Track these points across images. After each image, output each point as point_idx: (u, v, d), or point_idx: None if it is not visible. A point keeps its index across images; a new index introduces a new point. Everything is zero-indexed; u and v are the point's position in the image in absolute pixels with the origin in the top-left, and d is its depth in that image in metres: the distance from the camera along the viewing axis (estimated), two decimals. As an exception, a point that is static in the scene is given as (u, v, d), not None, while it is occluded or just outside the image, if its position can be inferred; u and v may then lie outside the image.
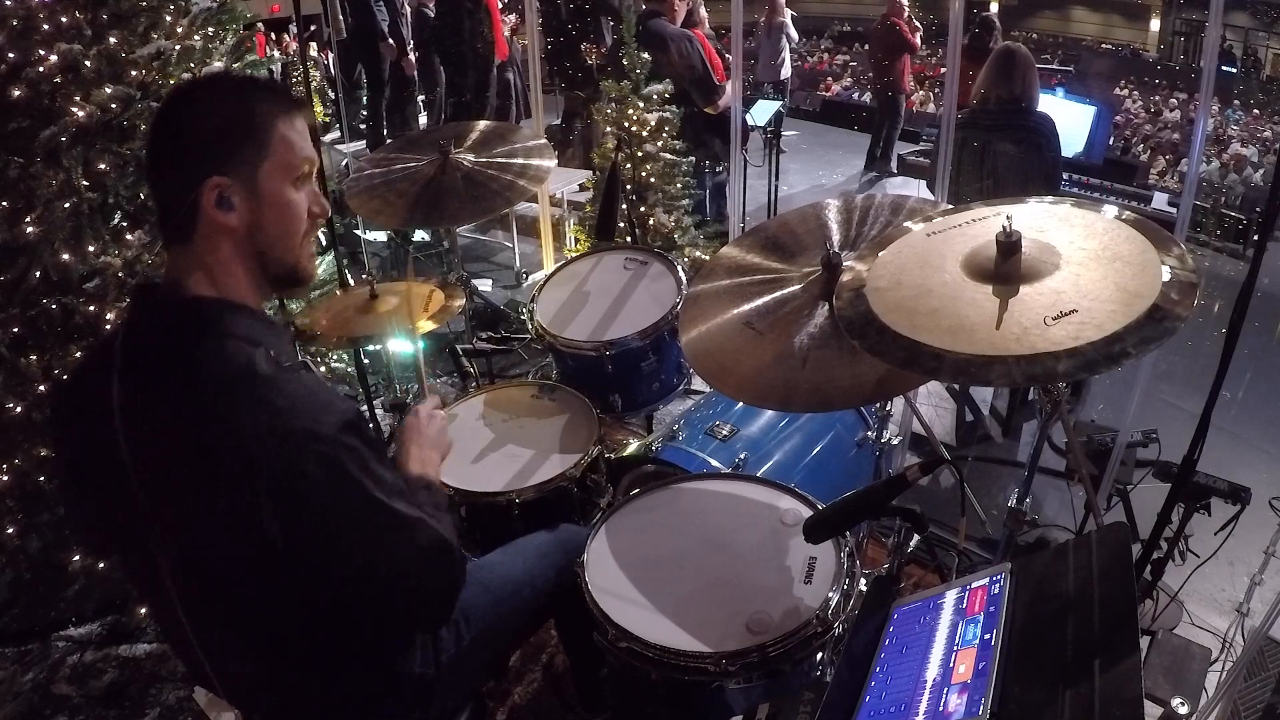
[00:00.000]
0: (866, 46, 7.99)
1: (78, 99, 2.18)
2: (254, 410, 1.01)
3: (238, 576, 1.09)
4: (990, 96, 3.21)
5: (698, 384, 2.59)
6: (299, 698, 1.24)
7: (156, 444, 1.04)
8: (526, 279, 4.83)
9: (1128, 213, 1.35)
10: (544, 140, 2.65)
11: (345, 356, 3.14)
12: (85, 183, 2.21)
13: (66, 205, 2.20)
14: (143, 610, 2.41)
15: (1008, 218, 1.28)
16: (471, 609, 1.41)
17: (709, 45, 4.43)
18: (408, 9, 6.33)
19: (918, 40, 7.38)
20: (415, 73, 6.34)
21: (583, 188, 5.09)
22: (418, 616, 1.22)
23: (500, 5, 6.40)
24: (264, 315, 1.17)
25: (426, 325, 2.27)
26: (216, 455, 1.00)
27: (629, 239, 3.05)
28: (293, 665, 1.20)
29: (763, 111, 4.79)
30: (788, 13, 7.72)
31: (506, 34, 6.77)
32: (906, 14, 7.21)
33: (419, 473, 1.33)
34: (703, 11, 5.07)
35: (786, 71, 8.01)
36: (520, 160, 2.52)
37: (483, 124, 2.71)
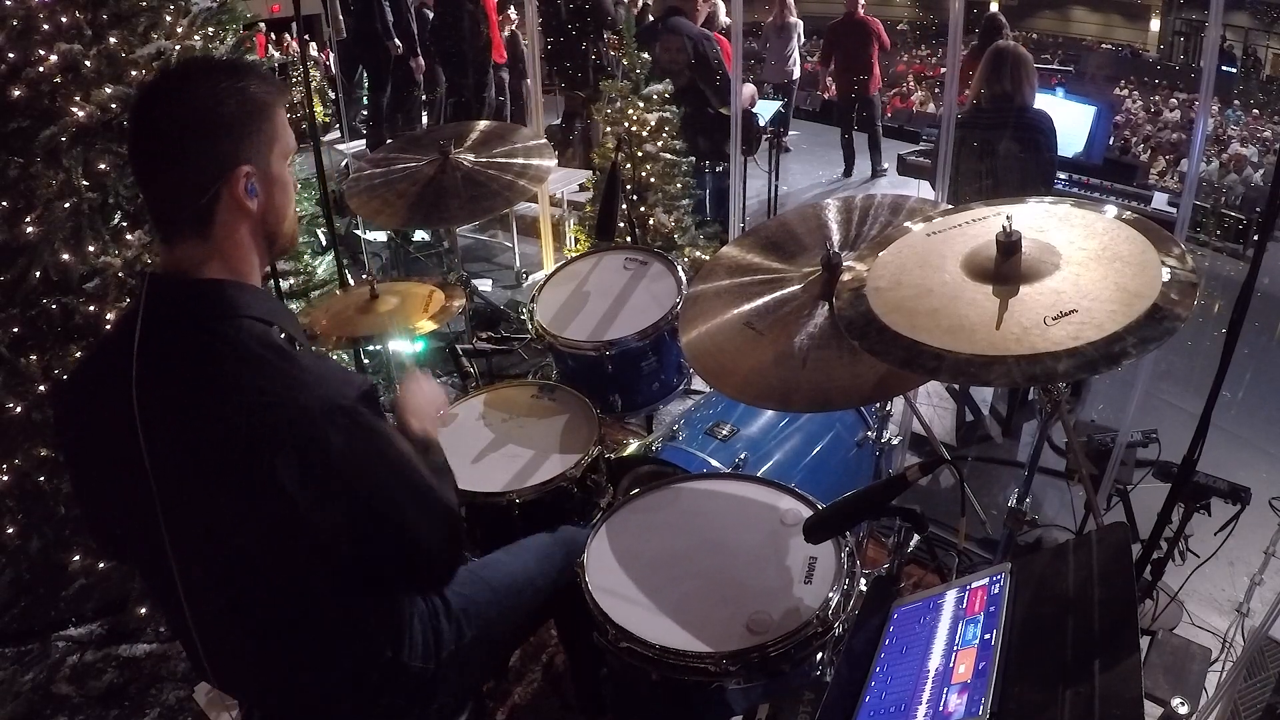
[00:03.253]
0: (821, 48, 7.82)
1: (78, 99, 2.18)
2: (275, 382, 1.04)
3: (242, 560, 1.10)
4: (985, 96, 3.23)
5: (698, 384, 2.59)
6: (300, 692, 1.24)
7: (174, 422, 1.05)
8: (526, 279, 4.83)
9: (1128, 213, 1.35)
10: (544, 140, 2.65)
11: (345, 356, 3.14)
12: (85, 183, 2.21)
13: (66, 205, 2.20)
14: (142, 610, 2.41)
15: (1008, 218, 1.28)
16: (473, 606, 1.42)
17: (728, 46, 4.43)
18: (413, 8, 6.33)
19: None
20: (422, 74, 6.33)
21: (583, 188, 5.09)
22: (422, 576, 1.27)
23: (497, 5, 6.40)
24: (274, 296, 1.19)
25: (427, 325, 2.27)
26: (236, 428, 1.02)
27: (629, 239, 3.05)
28: (293, 659, 1.20)
29: (763, 111, 4.80)
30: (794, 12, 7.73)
31: (506, 34, 6.77)
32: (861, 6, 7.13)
33: (420, 433, 1.37)
34: (724, 18, 5.08)
35: (796, 73, 7.99)
36: (520, 160, 2.52)
37: (483, 124, 2.71)
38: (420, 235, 4.98)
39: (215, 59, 1.14)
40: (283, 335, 1.11)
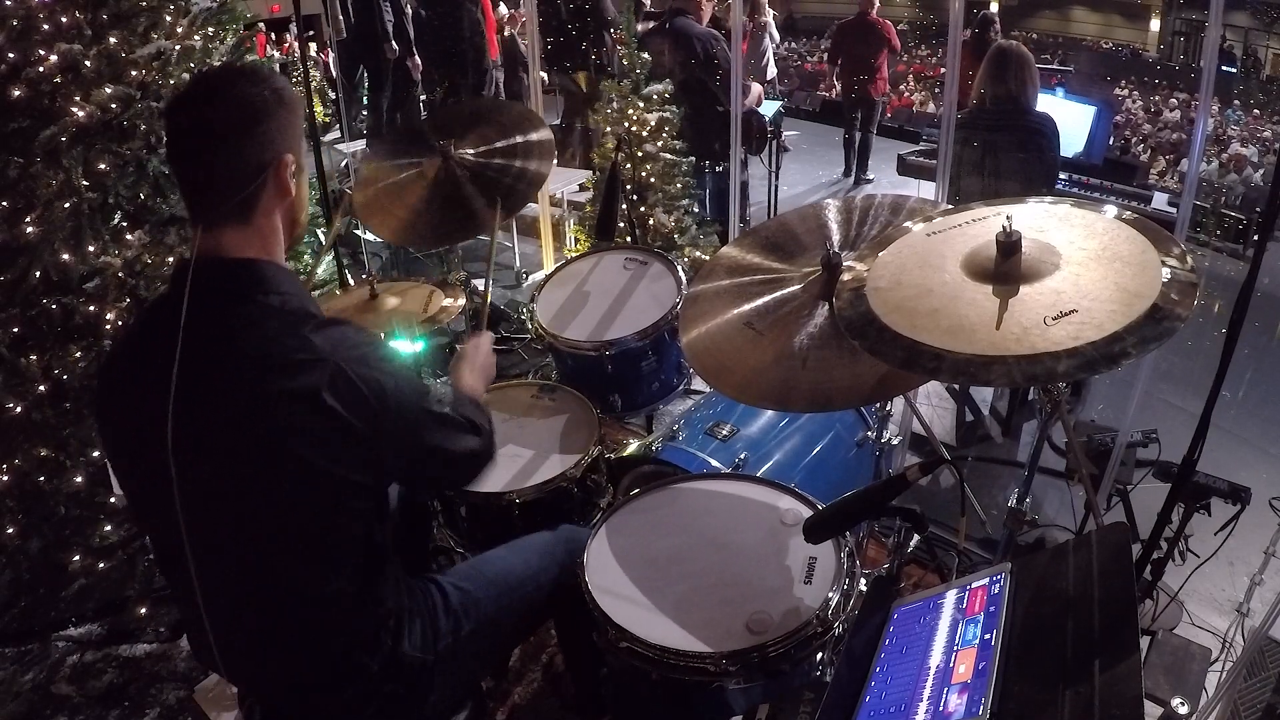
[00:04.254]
0: (827, 48, 7.85)
1: (78, 99, 2.18)
2: (322, 339, 1.14)
3: (250, 538, 1.15)
4: (988, 96, 3.22)
5: (698, 384, 2.58)
6: (298, 678, 1.26)
7: (218, 395, 1.12)
8: (526, 279, 4.83)
9: (1128, 213, 1.35)
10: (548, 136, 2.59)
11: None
12: (85, 183, 2.21)
13: (66, 205, 2.20)
14: (142, 610, 2.41)
15: (1008, 218, 1.28)
16: (471, 600, 1.43)
17: None
18: (409, 9, 6.33)
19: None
20: (419, 74, 6.34)
21: (583, 188, 5.09)
22: (450, 483, 1.58)
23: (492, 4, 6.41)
24: (300, 279, 1.36)
25: (428, 325, 2.27)
26: (282, 381, 1.10)
27: (629, 239, 3.05)
28: (293, 644, 1.23)
29: (765, 110, 4.81)
30: (770, 13, 7.72)
31: (509, 33, 6.77)
32: (875, 8, 7.12)
33: (469, 390, 1.52)
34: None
35: (772, 71, 8.01)
36: (519, 164, 2.49)
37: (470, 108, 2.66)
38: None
39: (239, 67, 1.42)
40: (316, 306, 1.23)
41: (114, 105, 2.22)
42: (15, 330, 2.23)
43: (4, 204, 2.17)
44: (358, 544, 1.21)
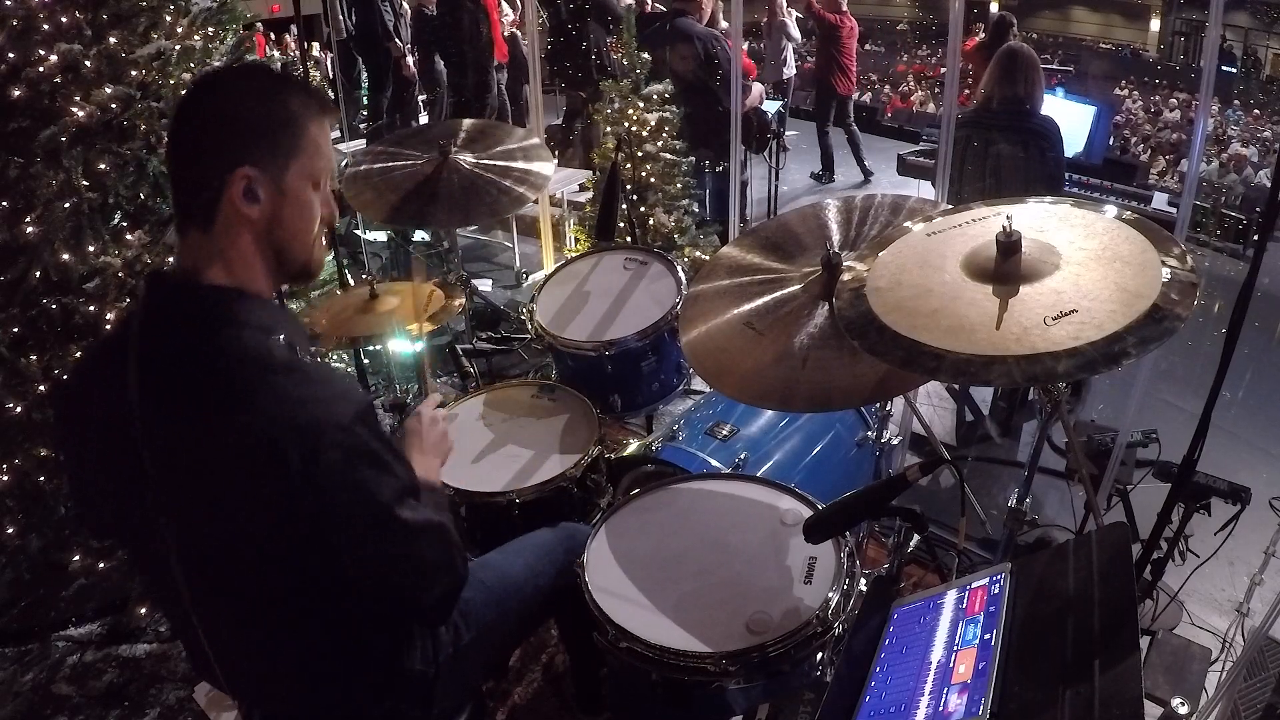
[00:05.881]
0: (815, 42, 7.89)
1: (78, 99, 2.18)
2: (271, 397, 1.02)
3: (245, 567, 1.10)
4: (994, 97, 3.21)
5: (698, 384, 2.59)
6: (301, 694, 1.25)
7: (174, 431, 1.05)
8: (526, 279, 4.83)
9: (1128, 213, 1.35)
10: (539, 143, 2.64)
11: (345, 356, 3.14)
12: (85, 183, 2.21)
13: (66, 205, 2.19)
14: (142, 610, 2.41)
15: (1008, 218, 1.28)
16: (471, 607, 1.41)
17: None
18: (407, 9, 6.33)
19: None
20: (415, 74, 6.34)
21: (583, 188, 5.09)
22: (415, 613, 1.24)
23: (498, 5, 6.41)
24: (278, 303, 1.18)
25: (427, 326, 2.27)
26: (233, 442, 1.01)
27: (629, 239, 3.05)
28: (296, 661, 1.21)
29: (767, 109, 4.82)
30: (790, 13, 7.70)
31: (508, 34, 6.77)
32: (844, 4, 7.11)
33: (421, 478, 1.28)
34: (722, 22, 5.08)
35: (790, 71, 8.00)
36: (520, 165, 2.51)
37: (469, 122, 2.71)
38: (420, 235, 4.97)
39: (270, 68, 1.22)
40: (283, 341, 1.09)
41: (114, 105, 2.22)
42: (15, 330, 2.23)
43: (4, 204, 2.17)
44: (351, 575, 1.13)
